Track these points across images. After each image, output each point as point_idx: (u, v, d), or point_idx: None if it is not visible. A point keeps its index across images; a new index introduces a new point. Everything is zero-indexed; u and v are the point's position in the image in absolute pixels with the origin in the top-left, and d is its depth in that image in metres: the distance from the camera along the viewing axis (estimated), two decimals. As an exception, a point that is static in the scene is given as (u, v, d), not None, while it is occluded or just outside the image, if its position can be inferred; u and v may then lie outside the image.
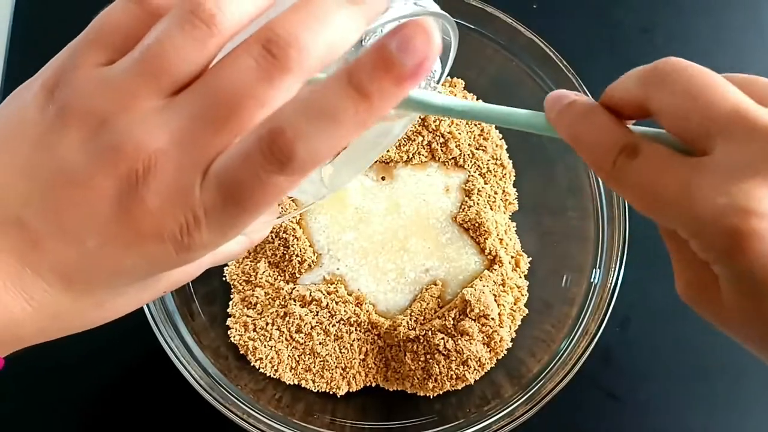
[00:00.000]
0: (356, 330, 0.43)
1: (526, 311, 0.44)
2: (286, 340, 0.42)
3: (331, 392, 0.42)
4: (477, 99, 0.48)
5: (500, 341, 0.42)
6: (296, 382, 0.42)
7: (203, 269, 0.28)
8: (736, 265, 0.21)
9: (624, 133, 0.24)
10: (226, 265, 0.45)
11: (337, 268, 0.44)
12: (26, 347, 0.24)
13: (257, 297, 0.43)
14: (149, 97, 0.21)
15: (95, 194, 0.21)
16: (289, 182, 0.20)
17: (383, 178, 0.46)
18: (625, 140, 0.23)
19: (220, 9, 0.21)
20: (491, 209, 0.45)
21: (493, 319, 0.42)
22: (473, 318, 0.42)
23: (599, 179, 0.43)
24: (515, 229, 0.46)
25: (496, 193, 0.46)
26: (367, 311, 0.43)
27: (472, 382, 0.42)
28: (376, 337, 0.43)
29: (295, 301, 0.43)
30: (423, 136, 0.46)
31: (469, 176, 0.46)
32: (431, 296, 0.43)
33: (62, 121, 0.21)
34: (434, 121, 0.45)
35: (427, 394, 0.42)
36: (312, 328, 0.42)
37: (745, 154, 0.21)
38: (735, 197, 0.21)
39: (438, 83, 0.34)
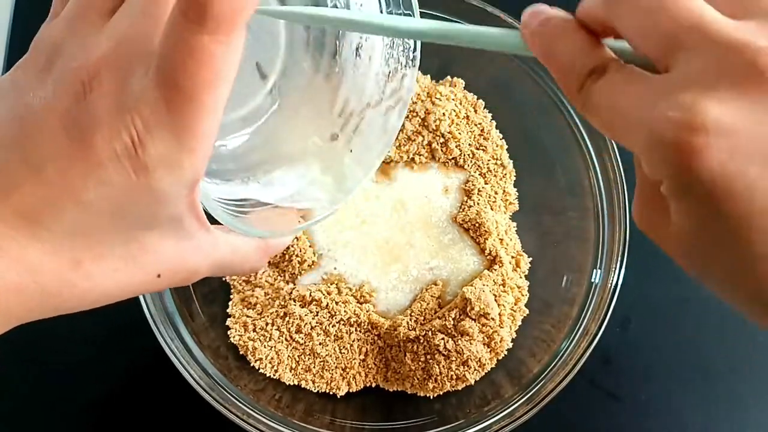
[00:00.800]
0: (356, 330, 0.43)
1: (527, 311, 0.44)
2: (286, 340, 0.42)
3: (331, 392, 0.42)
4: (477, 99, 0.48)
5: (500, 341, 0.42)
6: (296, 383, 0.42)
7: (209, 274, 0.27)
8: (676, 180, 0.20)
9: (596, 55, 0.23)
10: (226, 265, 0.45)
11: (334, 268, 0.44)
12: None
13: (257, 297, 0.43)
14: (92, 18, 0.22)
15: (50, 116, 0.21)
16: (218, 43, 0.19)
17: (383, 179, 0.46)
18: (596, 62, 0.22)
19: None
20: (491, 209, 0.45)
21: (493, 319, 0.42)
22: (473, 317, 0.42)
23: (599, 179, 0.43)
24: (515, 229, 0.46)
25: (496, 193, 0.46)
26: (367, 311, 0.43)
27: (472, 383, 0.42)
28: (376, 338, 0.43)
29: (295, 301, 0.43)
30: (423, 136, 0.46)
31: (469, 176, 0.46)
32: (431, 296, 0.43)
33: (24, 61, 0.23)
34: (434, 122, 0.45)
35: (427, 395, 0.42)
36: (312, 328, 0.42)
37: (701, 66, 0.20)
38: (682, 111, 0.19)
39: (414, 52, 0.33)
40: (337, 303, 0.42)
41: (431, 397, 0.42)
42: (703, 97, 0.19)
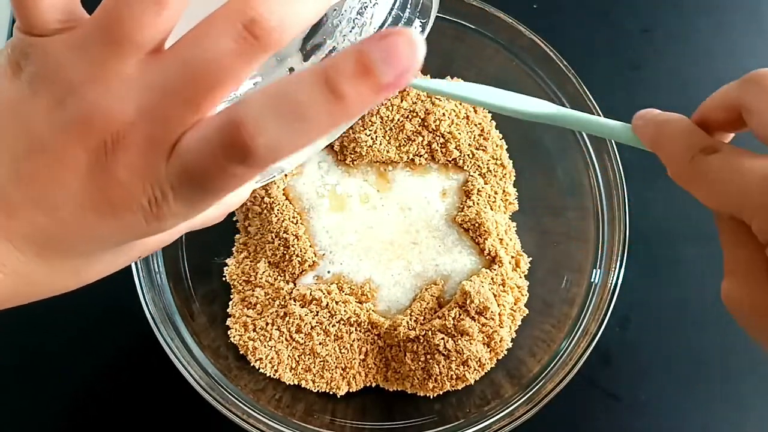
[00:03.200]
0: (356, 330, 0.43)
1: (526, 311, 0.44)
2: (286, 340, 0.42)
3: (331, 392, 0.42)
4: (477, 99, 0.48)
5: (500, 341, 0.42)
6: (296, 383, 0.42)
7: (179, 235, 0.28)
8: None
9: (706, 137, 0.26)
10: (225, 264, 0.45)
11: (330, 269, 0.44)
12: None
13: (257, 297, 0.43)
14: (117, 65, 0.20)
15: (66, 165, 0.21)
16: (251, 173, 0.20)
17: (383, 185, 0.46)
18: (707, 142, 0.25)
19: None
20: (491, 209, 0.46)
21: (492, 318, 0.42)
22: (473, 314, 0.42)
23: (599, 179, 0.43)
24: (515, 229, 0.46)
25: (496, 193, 0.46)
26: (368, 311, 0.43)
27: (472, 382, 0.42)
28: (376, 337, 0.43)
29: (295, 301, 0.43)
30: (423, 137, 0.46)
31: (469, 176, 0.46)
32: (431, 296, 0.43)
33: (32, 89, 0.21)
34: (434, 122, 0.45)
35: (427, 394, 0.42)
36: (312, 328, 0.42)
37: None
38: None
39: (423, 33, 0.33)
40: (337, 303, 0.42)
41: (431, 397, 0.42)
42: None
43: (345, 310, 0.42)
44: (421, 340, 0.42)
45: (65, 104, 0.21)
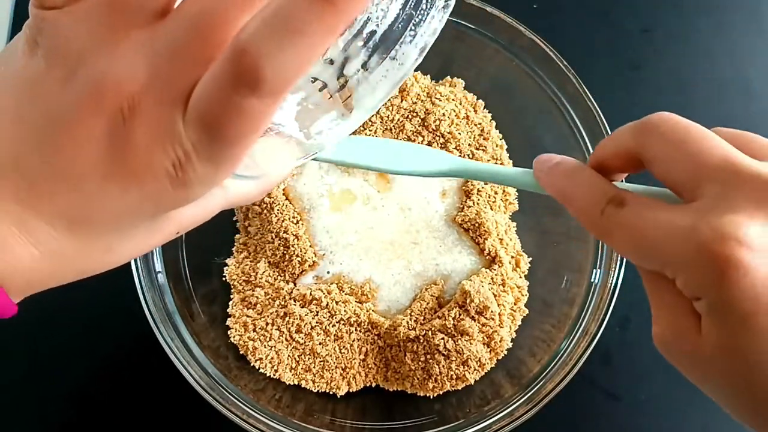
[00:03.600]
0: (356, 330, 0.43)
1: (526, 311, 0.44)
2: (286, 340, 0.42)
3: (331, 392, 0.42)
4: (477, 99, 0.48)
5: (500, 341, 0.42)
6: (296, 383, 0.42)
7: (216, 210, 0.27)
8: (720, 294, 0.22)
9: (610, 187, 0.26)
10: (225, 264, 0.45)
11: (330, 269, 0.44)
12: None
13: (257, 297, 0.43)
14: (125, 32, 0.21)
15: (85, 137, 0.21)
16: (266, 105, 0.20)
17: (383, 186, 0.46)
18: (612, 192, 0.26)
19: None
20: (491, 209, 0.46)
21: (492, 318, 0.42)
22: (473, 314, 0.42)
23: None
24: (515, 229, 0.46)
25: (496, 193, 0.46)
26: (368, 311, 0.43)
27: (472, 382, 0.42)
28: (376, 337, 0.43)
29: (295, 301, 0.43)
30: (423, 137, 0.46)
31: (469, 176, 0.46)
32: (431, 296, 0.43)
33: (47, 63, 0.21)
34: (434, 122, 0.45)
35: (427, 394, 0.42)
36: (312, 328, 0.42)
37: (732, 196, 0.23)
38: (720, 227, 0.22)
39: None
40: (337, 302, 0.42)
41: (431, 397, 0.42)
42: (745, 220, 0.22)
43: (345, 310, 0.42)
44: (421, 340, 0.42)
45: (77, 75, 0.21)
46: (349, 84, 0.30)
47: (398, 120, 0.46)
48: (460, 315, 0.42)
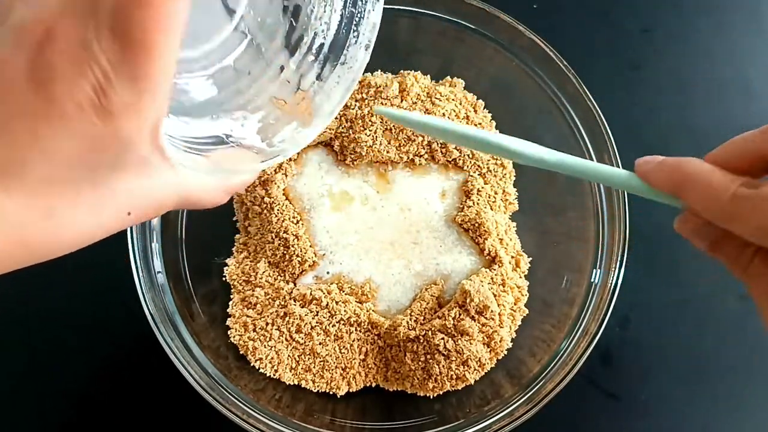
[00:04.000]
0: (356, 330, 0.43)
1: (526, 311, 0.44)
2: (286, 340, 0.42)
3: (331, 392, 0.42)
4: (477, 99, 0.48)
5: (500, 341, 0.42)
6: (296, 383, 0.42)
7: (169, 201, 0.27)
8: None
9: (735, 176, 0.26)
10: (225, 264, 0.45)
11: (330, 269, 0.44)
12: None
13: (257, 297, 0.43)
14: None
15: (11, 72, 0.21)
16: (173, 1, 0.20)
17: (383, 186, 0.46)
18: (741, 179, 0.26)
19: None
20: (491, 209, 0.46)
21: (492, 318, 0.42)
22: (473, 314, 0.42)
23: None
24: (515, 229, 0.46)
25: (496, 193, 0.46)
26: (368, 311, 0.43)
27: (472, 382, 0.42)
28: (376, 337, 0.43)
29: (295, 301, 0.43)
30: (423, 137, 0.46)
31: (468, 176, 0.46)
32: (431, 296, 0.43)
33: None
34: (434, 121, 0.45)
35: (427, 394, 0.42)
36: (312, 328, 0.42)
37: None
38: None
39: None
40: (337, 302, 0.42)
41: (431, 397, 0.42)
42: None
43: (345, 310, 0.42)
44: (421, 340, 0.42)
45: (6, 25, 0.21)
46: (306, 96, 0.31)
47: (398, 120, 0.46)
48: (460, 315, 0.42)
